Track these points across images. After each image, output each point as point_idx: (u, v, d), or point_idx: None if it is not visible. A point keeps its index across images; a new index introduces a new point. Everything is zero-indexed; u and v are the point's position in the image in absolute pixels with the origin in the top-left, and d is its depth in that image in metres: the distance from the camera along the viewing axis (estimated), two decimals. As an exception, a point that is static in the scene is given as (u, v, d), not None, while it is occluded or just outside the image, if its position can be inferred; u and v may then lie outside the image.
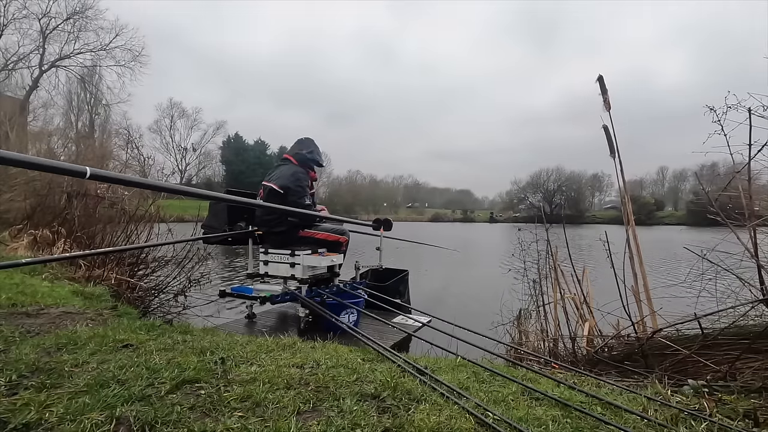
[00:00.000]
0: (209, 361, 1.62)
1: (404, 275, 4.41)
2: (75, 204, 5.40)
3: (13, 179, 7.16)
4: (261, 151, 48.79)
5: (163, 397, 1.29)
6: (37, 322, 2.23)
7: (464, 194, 79.47)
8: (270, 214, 3.52)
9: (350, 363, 1.71)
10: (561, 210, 50.65)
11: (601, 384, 1.79)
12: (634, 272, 2.70)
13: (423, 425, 1.21)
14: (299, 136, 3.89)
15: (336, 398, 1.37)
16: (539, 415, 1.35)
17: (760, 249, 2.05)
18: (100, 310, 2.70)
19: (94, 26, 26.87)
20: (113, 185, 5.22)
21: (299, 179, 3.55)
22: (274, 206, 3.29)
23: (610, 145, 2.92)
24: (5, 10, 24.01)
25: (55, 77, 27.23)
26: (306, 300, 3.15)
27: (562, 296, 3.05)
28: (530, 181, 60.30)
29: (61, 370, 1.46)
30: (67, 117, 28.30)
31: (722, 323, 2.13)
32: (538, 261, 3.37)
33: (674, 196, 59.09)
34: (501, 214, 60.63)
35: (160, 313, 4.27)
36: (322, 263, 3.38)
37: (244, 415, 1.23)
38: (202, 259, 4.71)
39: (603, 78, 2.92)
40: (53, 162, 1.70)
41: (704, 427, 1.33)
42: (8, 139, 9.42)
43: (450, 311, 4.39)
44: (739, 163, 2.22)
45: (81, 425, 1.10)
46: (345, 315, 3.27)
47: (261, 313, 3.88)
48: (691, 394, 1.70)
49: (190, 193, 2.87)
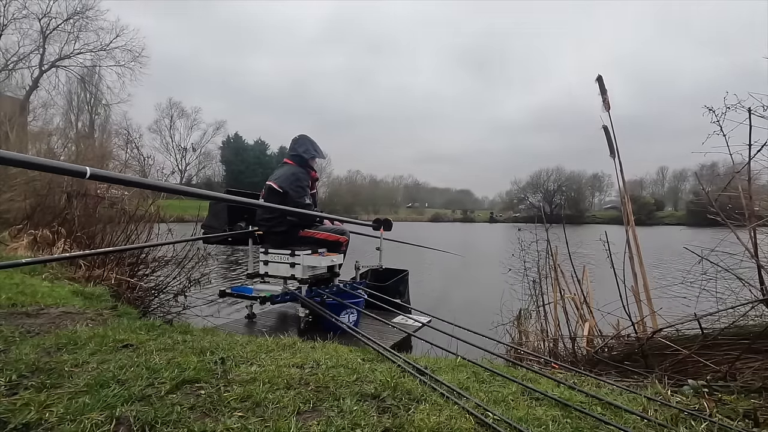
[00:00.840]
0: (209, 361, 1.62)
1: (404, 275, 4.41)
2: (75, 204, 5.41)
3: (13, 179, 7.15)
4: (261, 151, 48.78)
5: (163, 397, 1.29)
6: (37, 322, 2.23)
7: (464, 194, 79.49)
8: (270, 214, 3.52)
9: (350, 363, 1.71)
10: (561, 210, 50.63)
11: (601, 384, 1.79)
12: (634, 272, 2.70)
13: (423, 425, 1.21)
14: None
15: (336, 398, 1.37)
16: (539, 415, 1.35)
17: (760, 249, 2.05)
18: (100, 310, 2.70)
19: (95, 26, 26.91)
20: (113, 185, 5.22)
21: (299, 179, 3.55)
22: (274, 206, 3.29)
23: (610, 146, 2.92)
24: (5, 10, 24.06)
25: (55, 77, 27.29)
26: (306, 300, 3.15)
27: (562, 296, 3.05)
28: (530, 181, 60.25)
29: (61, 370, 1.46)
30: (67, 117, 28.35)
31: (722, 323, 2.13)
32: (538, 261, 3.37)
33: (674, 196, 59.03)
34: (501, 214, 60.56)
35: (160, 313, 4.27)
36: (322, 263, 3.38)
37: (244, 415, 1.22)
38: (202, 259, 4.71)
39: (602, 78, 2.93)
40: (53, 162, 1.70)
41: (704, 427, 1.33)
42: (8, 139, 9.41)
43: (450, 311, 4.39)
44: (739, 163, 2.22)
45: (81, 425, 1.10)
46: (345, 315, 3.27)
47: (261, 313, 3.88)
48: (691, 394, 1.70)
49: (190, 193, 2.88)
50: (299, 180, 3.54)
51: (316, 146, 3.79)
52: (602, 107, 2.93)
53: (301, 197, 3.48)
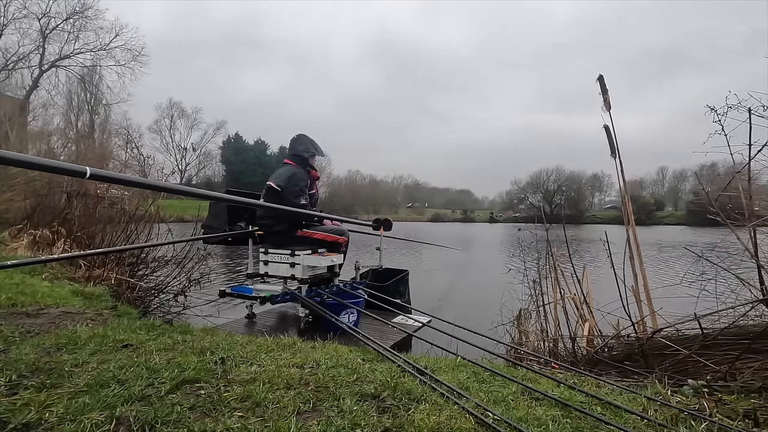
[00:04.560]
0: (209, 361, 1.62)
1: (404, 275, 4.41)
2: (75, 204, 5.41)
3: (13, 179, 7.15)
4: (261, 151, 48.73)
5: (163, 397, 1.29)
6: (37, 322, 2.23)
7: (464, 194, 79.46)
8: (270, 213, 3.53)
9: (350, 363, 1.71)
10: (561, 210, 50.64)
11: (601, 384, 1.79)
12: (634, 272, 2.70)
13: (423, 425, 1.21)
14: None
15: (336, 398, 1.37)
16: (539, 415, 1.35)
17: (760, 249, 2.05)
18: (100, 310, 2.70)
19: (94, 26, 26.92)
20: (113, 185, 5.22)
21: (297, 179, 3.55)
22: (273, 206, 3.29)
23: (611, 145, 2.92)
24: (5, 10, 24.05)
25: (55, 77, 27.27)
26: (306, 300, 3.15)
27: (562, 296, 3.04)
28: (530, 181, 60.30)
29: (61, 370, 1.46)
30: (67, 117, 28.31)
31: (722, 323, 2.13)
32: (538, 261, 3.37)
33: (674, 196, 59.01)
34: (501, 214, 60.54)
35: (160, 313, 4.27)
36: (322, 263, 3.38)
37: (244, 415, 1.22)
38: (202, 259, 4.71)
39: (603, 78, 2.92)
40: (53, 162, 1.70)
41: (704, 427, 1.33)
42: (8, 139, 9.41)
43: (450, 311, 4.39)
44: (739, 163, 2.22)
45: (81, 425, 1.10)
46: (345, 315, 3.27)
47: (261, 313, 3.88)
48: (691, 394, 1.70)
49: (190, 193, 2.88)
50: (297, 180, 3.54)
51: (315, 144, 3.79)
52: (602, 107, 2.93)
53: (296, 197, 3.48)
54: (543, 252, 3.35)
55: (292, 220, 3.51)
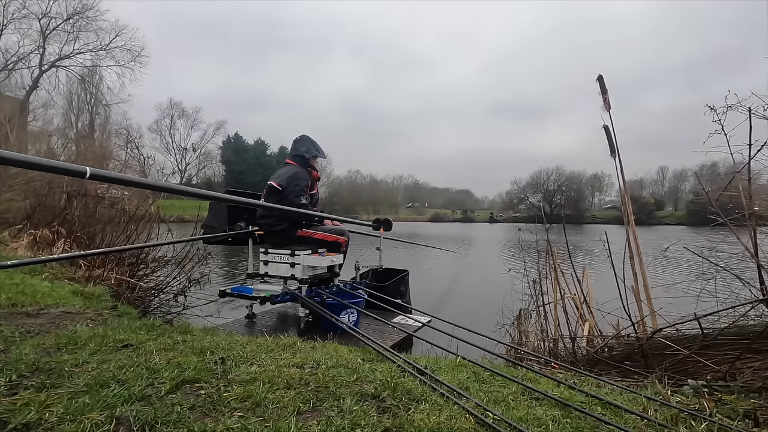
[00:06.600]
0: (209, 361, 1.62)
1: (404, 275, 4.41)
2: (75, 204, 5.41)
3: (13, 179, 7.15)
4: (261, 151, 48.65)
5: (163, 397, 1.29)
6: (37, 322, 2.23)
7: (464, 194, 79.36)
8: (269, 212, 3.53)
9: (350, 363, 1.71)
10: (561, 210, 50.60)
11: (601, 384, 1.79)
12: (634, 272, 2.70)
13: (423, 425, 1.21)
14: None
15: (336, 398, 1.37)
16: (539, 415, 1.35)
17: (760, 249, 2.05)
18: (100, 310, 2.70)
19: (94, 26, 26.98)
20: (113, 185, 5.22)
21: (298, 179, 3.56)
22: (272, 206, 3.29)
23: (611, 145, 2.92)
24: (5, 10, 24.07)
25: (55, 77, 27.30)
26: (306, 300, 3.15)
27: (562, 296, 3.04)
28: (530, 181, 60.23)
29: (61, 370, 1.46)
30: (67, 117, 28.28)
31: (722, 323, 2.13)
32: (538, 261, 3.37)
33: (674, 196, 58.93)
34: (501, 214, 60.46)
35: (160, 313, 4.27)
36: (322, 263, 3.38)
37: (244, 415, 1.22)
38: (202, 259, 4.71)
39: (603, 77, 2.93)
40: (53, 162, 1.70)
41: (704, 427, 1.33)
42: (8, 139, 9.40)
43: (450, 311, 4.39)
44: (739, 163, 2.21)
45: (81, 425, 1.10)
46: (345, 315, 3.27)
47: (261, 313, 3.88)
48: (691, 394, 1.70)
49: (190, 193, 2.87)
50: (299, 180, 3.55)
51: (317, 145, 3.81)
52: (602, 107, 2.93)
53: (297, 197, 3.49)
54: (543, 252, 3.34)
55: (292, 219, 3.52)
